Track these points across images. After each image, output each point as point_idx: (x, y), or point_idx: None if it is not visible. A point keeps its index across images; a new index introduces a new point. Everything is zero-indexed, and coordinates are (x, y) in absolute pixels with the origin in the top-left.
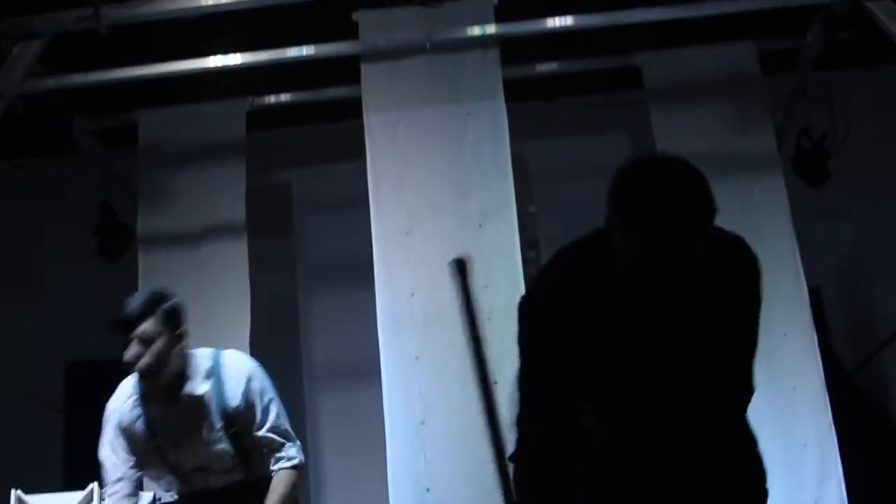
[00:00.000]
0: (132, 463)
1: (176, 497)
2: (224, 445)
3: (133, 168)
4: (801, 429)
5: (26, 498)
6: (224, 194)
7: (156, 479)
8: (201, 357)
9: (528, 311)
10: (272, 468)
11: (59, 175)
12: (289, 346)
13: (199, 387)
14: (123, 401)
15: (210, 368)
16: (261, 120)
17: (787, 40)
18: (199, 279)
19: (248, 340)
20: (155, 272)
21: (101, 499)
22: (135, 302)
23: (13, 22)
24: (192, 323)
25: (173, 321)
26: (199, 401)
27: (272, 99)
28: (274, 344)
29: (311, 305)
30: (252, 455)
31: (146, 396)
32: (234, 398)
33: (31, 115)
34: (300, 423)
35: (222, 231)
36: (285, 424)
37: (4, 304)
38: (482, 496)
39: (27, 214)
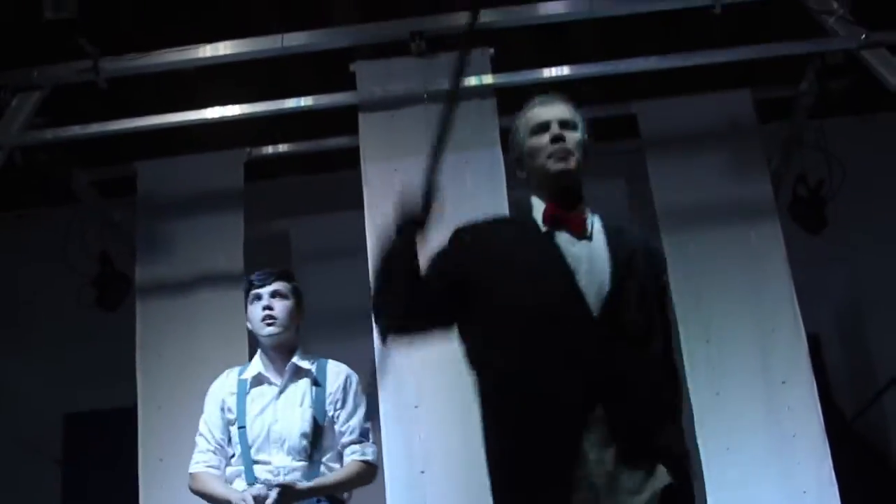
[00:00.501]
0: (223, 438)
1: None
2: (305, 425)
3: (131, 218)
4: (801, 476)
5: None
6: (222, 243)
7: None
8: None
9: (456, 232)
10: (346, 459)
11: (58, 226)
12: None
13: (305, 363)
14: (224, 378)
15: (315, 357)
16: (259, 170)
17: (783, 88)
18: (197, 328)
19: None
20: (153, 321)
21: None
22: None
23: (12, 74)
24: (190, 371)
25: (299, 295)
26: (302, 373)
27: (270, 149)
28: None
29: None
30: (322, 448)
31: (251, 380)
32: (332, 384)
33: (29, 167)
34: None
35: (220, 280)
36: (368, 427)
37: (2, 356)
38: None
39: (26, 265)
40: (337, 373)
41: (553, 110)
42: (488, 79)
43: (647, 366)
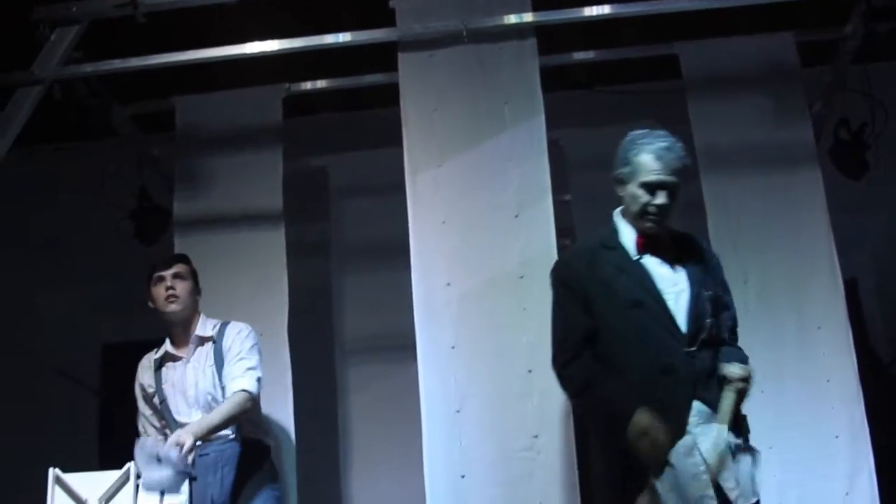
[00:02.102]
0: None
1: None
2: (209, 382)
3: (170, 153)
4: (833, 420)
5: (64, 476)
6: (261, 179)
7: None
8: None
9: (556, 270)
10: (227, 391)
11: (97, 159)
12: (324, 329)
13: (207, 330)
14: (142, 364)
15: (217, 323)
16: (298, 106)
17: (827, 31)
18: (236, 263)
19: (286, 324)
20: (193, 256)
21: (138, 476)
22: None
23: (51, 8)
24: (231, 306)
25: (196, 276)
26: (205, 340)
27: (309, 85)
28: (309, 327)
29: (347, 289)
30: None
31: (161, 360)
32: (227, 339)
33: (68, 100)
34: (332, 404)
35: (259, 216)
36: (254, 364)
37: (42, 287)
38: (515, 483)
39: (65, 198)
40: (232, 329)
41: (664, 171)
42: (528, 17)
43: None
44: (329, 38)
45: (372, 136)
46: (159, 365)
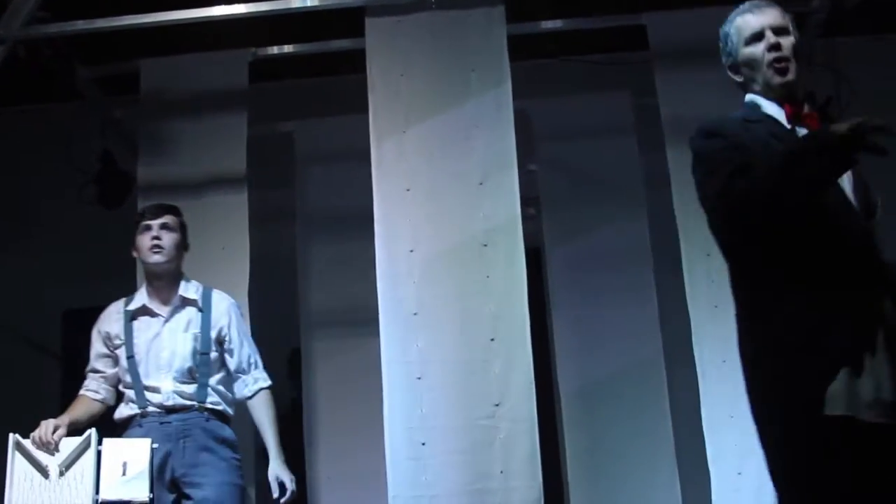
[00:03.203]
0: (106, 363)
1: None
2: (189, 349)
3: (134, 117)
4: None
5: (24, 442)
6: (225, 144)
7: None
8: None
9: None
10: (249, 388)
11: (61, 122)
12: (287, 296)
13: (191, 292)
14: (110, 311)
15: (199, 286)
16: (264, 70)
17: (794, 4)
18: (199, 228)
19: (247, 290)
20: None
21: (98, 443)
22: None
23: None
24: (192, 271)
25: (185, 230)
26: (187, 302)
27: (275, 50)
28: (272, 294)
29: (310, 256)
30: (208, 371)
31: (134, 312)
32: (216, 310)
33: (32, 61)
34: (296, 373)
35: (223, 181)
36: (255, 349)
37: (3, 252)
38: (476, 450)
39: (27, 161)
40: (220, 300)
41: (765, 17)
42: None
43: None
44: (296, 3)
45: (338, 102)
46: (131, 317)
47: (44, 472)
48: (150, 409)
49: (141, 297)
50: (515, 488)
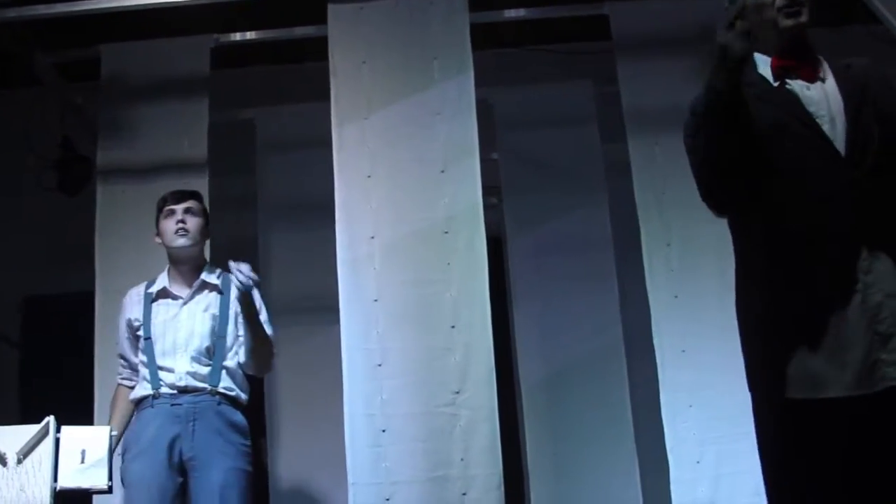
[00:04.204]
0: (132, 352)
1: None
2: (207, 329)
3: (94, 102)
4: None
5: None
6: (186, 130)
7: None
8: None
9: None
10: None
11: (20, 108)
12: None
13: (213, 278)
14: (131, 294)
15: (219, 271)
16: (226, 57)
17: None
18: None
19: None
20: (114, 207)
21: (57, 431)
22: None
23: None
24: (151, 260)
25: (208, 216)
26: (208, 286)
27: (238, 36)
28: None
29: (272, 244)
30: (223, 353)
31: (155, 294)
32: (235, 291)
33: None
34: None
35: (184, 167)
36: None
37: None
38: (436, 438)
39: None
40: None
41: None
42: None
43: None
44: None
45: (300, 90)
46: (152, 300)
47: (1, 459)
48: (163, 389)
49: (162, 280)
50: (475, 476)
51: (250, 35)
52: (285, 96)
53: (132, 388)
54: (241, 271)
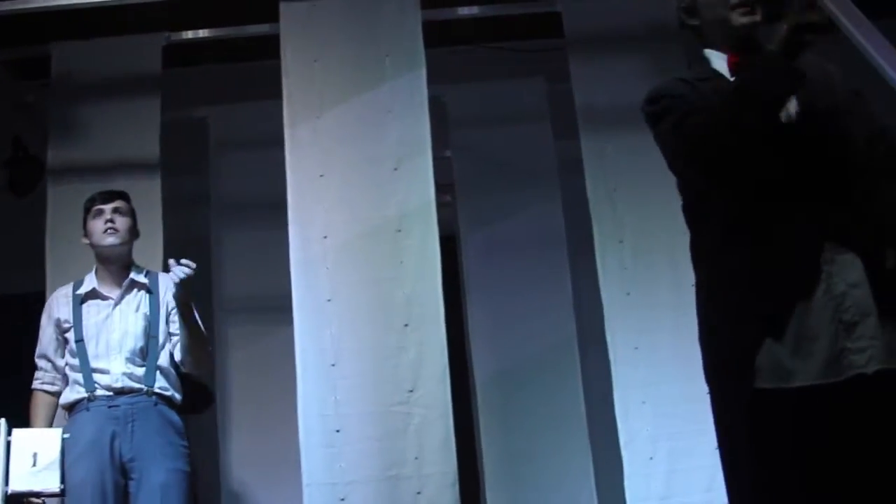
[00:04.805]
0: (57, 355)
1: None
2: (140, 330)
3: (45, 101)
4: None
5: None
6: (138, 129)
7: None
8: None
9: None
10: None
11: None
12: (201, 283)
13: (141, 277)
14: (58, 295)
15: (145, 270)
16: (178, 55)
17: None
18: None
19: None
20: (65, 207)
21: (9, 433)
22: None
23: None
24: None
25: (135, 216)
26: (137, 286)
27: (190, 34)
28: (185, 280)
29: (225, 243)
30: (156, 353)
31: (84, 296)
32: (164, 291)
33: None
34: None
35: (136, 166)
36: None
37: None
38: (391, 437)
39: None
40: (166, 279)
41: None
42: None
43: (870, 179)
44: None
45: (252, 88)
46: (81, 301)
47: None
48: (98, 392)
49: (90, 281)
50: (430, 474)
51: (202, 33)
52: (238, 95)
53: (53, 393)
54: (177, 266)
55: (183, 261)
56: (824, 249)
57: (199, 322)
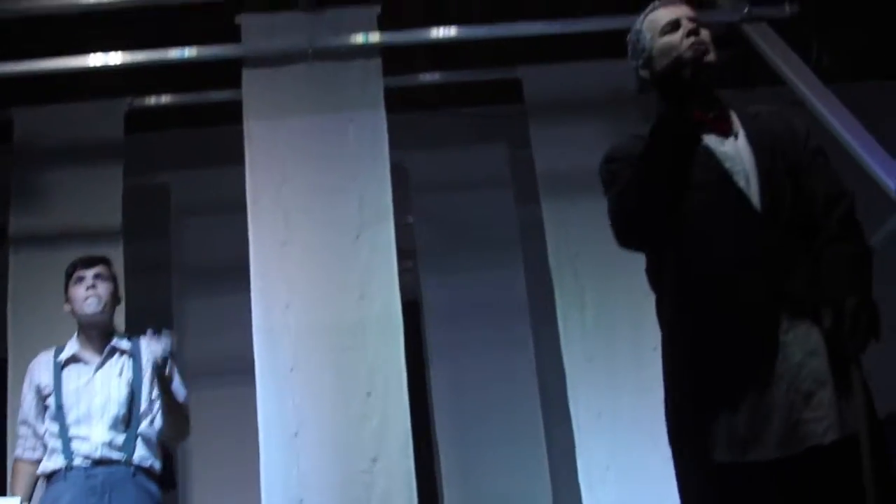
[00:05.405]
0: (38, 415)
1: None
2: (123, 396)
3: (6, 166)
4: None
5: None
6: (101, 195)
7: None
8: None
9: (603, 162)
10: None
11: None
12: None
13: (123, 343)
14: (40, 360)
15: (128, 337)
16: (140, 121)
17: None
18: None
19: None
20: (27, 274)
21: None
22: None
23: None
24: (66, 328)
25: (117, 282)
26: (119, 352)
27: (152, 100)
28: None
29: (187, 309)
30: (138, 418)
31: (65, 361)
32: (146, 356)
33: None
34: None
35: (98, 234)
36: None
37: None
38: None
39: None
40: (147, 343)
41: (679, 9)
42: (375, 37)
43: (821, 243)
44: (173, 53)
45: (216, 154)
46: (62, 366)
47: None
48: (77, 461)
49: (72, 347)
50: None
51: (165, 99)
52: (200, 161)
53: (36, 460)
54: (156, 343)
55: (159, 342)
56: (780, 319)
57: (182, 386)
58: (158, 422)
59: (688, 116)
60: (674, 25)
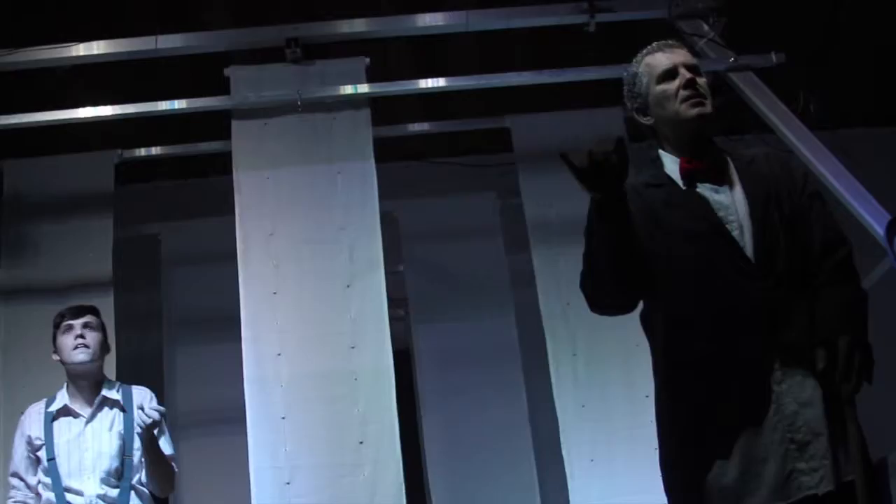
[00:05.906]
0: (32, 476)
1: None
2: (115, 450)
3: None
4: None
5: None
6: (90, 247)
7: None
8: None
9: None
10: None
11: None
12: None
13: (113, 393)
14: (30, 413)
15: (119, 385)
16: (130, 173)
17: None
18: None
19: None
20: (18, 326)
21: None
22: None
23: None
24: (56, 379)
25: (106, 331)
26: (109, 402)
27: (142, 152)
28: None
29: (177, 359)
30: (131, 470)
31: (56, 413)
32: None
33: None
34: None
35: (88, 285)
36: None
37: None
38: None
39: None
40: (139, 395)
41: (676, 55)
42: (363, 88)
43: (817, 293)
44: (163, 105)
45: (206, 205)
46: (52, 418)
47: None
48: None
49: (62, 398)
50: None
51: (155, 150)
52: (190, 211)
53: None
54: (144, 410)
55: (151, 406)
56: (774, 369)
57: (169, 444)
58: (145, 475)
59: (621, 196)
60: (670, 74)
